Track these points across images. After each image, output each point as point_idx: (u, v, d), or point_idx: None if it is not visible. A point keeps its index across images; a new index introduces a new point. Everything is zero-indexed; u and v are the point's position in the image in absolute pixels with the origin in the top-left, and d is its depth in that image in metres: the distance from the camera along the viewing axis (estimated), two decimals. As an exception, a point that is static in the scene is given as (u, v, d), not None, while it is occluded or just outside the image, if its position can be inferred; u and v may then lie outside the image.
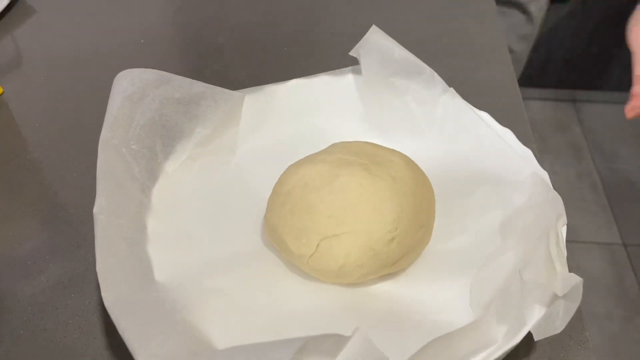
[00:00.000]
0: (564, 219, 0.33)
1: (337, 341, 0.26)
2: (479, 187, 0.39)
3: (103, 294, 0.28)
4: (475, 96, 0.44)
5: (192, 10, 0.62)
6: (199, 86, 0.39)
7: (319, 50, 0.56)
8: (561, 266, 0.31)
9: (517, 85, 0.51)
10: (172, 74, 0.39)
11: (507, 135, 0.41)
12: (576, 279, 0.29)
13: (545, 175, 0.38)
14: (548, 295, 0.30)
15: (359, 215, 0.33)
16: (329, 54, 0.54)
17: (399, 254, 0.34)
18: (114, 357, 0.33)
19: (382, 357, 0.26)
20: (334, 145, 0.39)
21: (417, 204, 0.35)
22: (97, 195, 0.33)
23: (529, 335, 0.30)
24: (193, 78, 0.40)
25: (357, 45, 0.43)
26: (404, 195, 0.34)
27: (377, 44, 0.42)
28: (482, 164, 0.40)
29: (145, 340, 0.26)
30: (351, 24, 0.53)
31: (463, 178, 0.40)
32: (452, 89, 0.43)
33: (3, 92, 0.51)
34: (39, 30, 0.60)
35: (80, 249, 0.38)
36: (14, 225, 0.40)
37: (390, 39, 0.43)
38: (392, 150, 0.38)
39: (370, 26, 0.43)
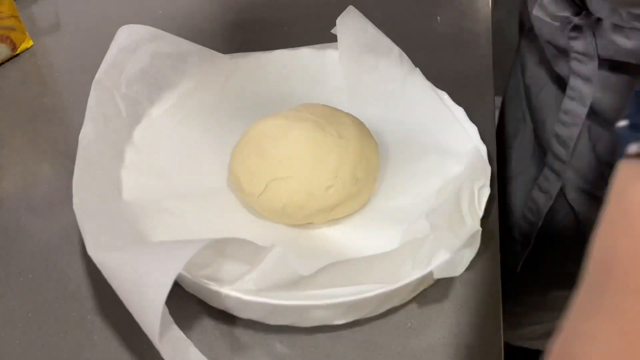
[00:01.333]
0: (481, 182, 0.37)
1: (255, 251, 0.31)
2: (427, 156, 0.43)
3: (74, 199, 0.34)
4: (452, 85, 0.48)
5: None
6: (187, 45, 0.45)
7: (310, 26, 0.61)
8: (472, 221, 0.35)
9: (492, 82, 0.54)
10: (166, 32, 0.44)
11: (459, 112, 0.45)
12: (475, 228, 0.33)
13: (484, 148, 0.42)
14: (455, 243, 0.34)
15: (304, 163, 0.38)
16: (318, 31, 0.59)
17: (336, 201, 0.38)
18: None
19: (292, 270, 0.31)
20: (300, 105, 0.44)
21: (357, 161, 0.39)
22: (83, 125, 0.38)
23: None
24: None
25: (336, 22, 0.48)
26: (345, 151, 0.39)
27: (352, 22, 0.47)
28: (434, 136, 0.44)
29: (98, 233, 0.31)
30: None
31: (416, 147, 0.44)
32: (417, 69, 0.47)
33: (33, 45, 0.58)
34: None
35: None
36: (35, 165, 0.46)
37: (364, 18, 0.47)
38: (348, 114, 0.43)
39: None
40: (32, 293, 0.37)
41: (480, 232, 0.34)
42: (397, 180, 0.43)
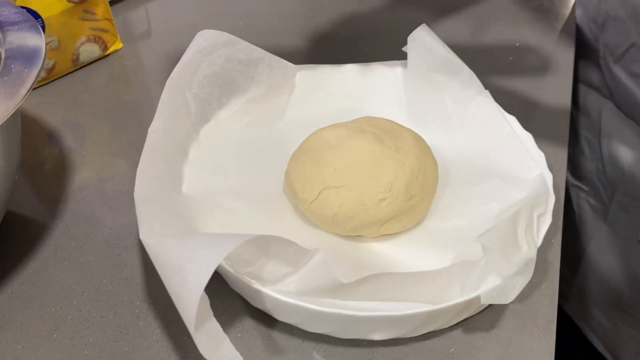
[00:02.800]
0: (541, 209, 0.35)
1: (298, 253, 0.31)
2: (488, 179, 0.42)
3: (135, 188, 0.36)
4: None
5: (288, 10, 0.70)
6: (259, 52, 0.46)
7: (385, 44, 0.61)
8: (528, 248, 0.33)
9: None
10: (240, 39, 0.46)
11: (527, 139, 0.43)
12: (530, 255, 0.32)
13: (549, 177, 0.40)
14: (507, 269, 0.33)
15: (359, 173, 0.38)
16: (392, 49, 0.59)
17: (387, 215, 0.38)
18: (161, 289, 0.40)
19: (332, 277, 0.31)
20: (360, 117, 0.44)
21: (413, 176, 0.38)
22: (154, 119, 0.40)
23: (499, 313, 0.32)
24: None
25: (408, 40, 0.48)
26: (402, 165, 0.38)
27: (423, 40, 0.47)
28: (497, 160, 0.43)
29: (152, 220, 0.33)
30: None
31: (477, 170, 0.43)
32: (487, 91, 0.46)
33: (122, 47, 0.62)
34: (166, 5, 0.72)
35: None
36: (112, 158, 0.49)
37: (436, 37, 0.47)
38: (409, 130, 0.42)
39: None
40: (89, 274, 0.39)
41: (534, 261, 0.32)
42: (454, 201, 0.42)
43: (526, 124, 0.44)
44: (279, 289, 0.32)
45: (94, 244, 0.41)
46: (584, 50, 0.60)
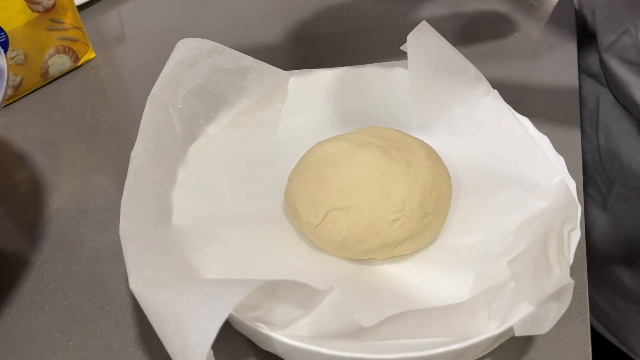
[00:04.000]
0: (572, 225, 0.32)
1: (310, 294, 0.28)
2: (504, 188, 0.39)
3: (121, 223, 0.32)
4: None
5: (270, 7, 0.66)
6: (247, 60, 0.42)
7: (374, 44, 0.57)
8: (561, 270, 0.30)
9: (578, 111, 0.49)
10: (226, 47, 0.42)
11: (543, 141, 0.40)
12: (567, 280, 0.29)
13: (572, 183, 0.37)
14: (540, 295, 0.30)
15: (367, 192, 0.35)
16: (383, 48, 0.56)
17: (401, 236, 0.34)
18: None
19: (350, 319, 0.27)
20: (363, 128, 0.40)
21: (427, 191, 0.35)
22: (136, 142, 0.36)
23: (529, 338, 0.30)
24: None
25: (407, 38, 0.44)
26: (415, 181, 0.35)
27: (424, 39, 0.43)
28: (512, 166, 0.40)
29: (142, 264, 0.29)
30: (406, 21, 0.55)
31: (491, 178, 0.40)
32: (495, 91, 0.43)
33: (95, 56, 0.58)
34: (141, 8, 0.67)
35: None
36: (88, 177, 0.45)
37: (438, 35, 0.43)
38: (417, 139, 0.39)
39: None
40: (74, 319, 0.35)
41: (572, 285, 0.29)
42: (469, 214, 0.39)
43: (537, 125, 0.41)
44: (290, 333, 0.29)
45: (77, 282, 0.37)
46: (582, 37, 0.58)
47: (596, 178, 0.56)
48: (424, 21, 0.43)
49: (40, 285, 0.37)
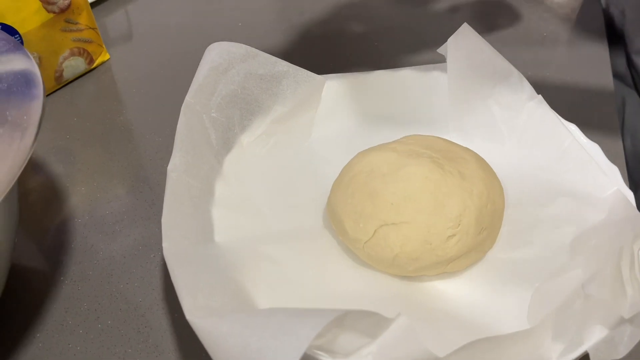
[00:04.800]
0: (641, 241, 0.31)
1: (378, 322, 0.26)
2: (555, 199, 0.37)
3: (164, 244, 0.30)
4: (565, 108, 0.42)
5: (289, 3, 0.64)
6: (282, 65, 0.40)
7: (409, 47, 0.56)
8: (633, 290, 0.29)
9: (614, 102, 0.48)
10: (259, 51, 0.40)
11: (594, 149, 0.38)
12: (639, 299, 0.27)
13: (630, 194, 0.35)
14: (612, 316, 0.28)
15: (421, 206, 0.33)
16: (410, 48, 0.54)
17: (457, 253, 0.33)
18: (167, 308, 0.34)
19: (422, 348, 0.26)
20: (407, 137, 0.38)
21: (483, 205, 0.33)
22: (172, 154, 0.34)
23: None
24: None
25: (447, 42, 0.43)
26: (470, 194, 0.33)
27: (465, 42, 0.41)
28: (562, 176, 0.38)
29: (194, 290, 0.27)
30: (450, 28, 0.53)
31: (540, 188, 0.38)
32: (540, 96, 0.41)
33: (109, 58, 0.55)
34: (149, 6, 0.65)
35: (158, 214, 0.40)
36: (103, 183, 0.43)
37: (480, 38, 0.41)
38: (466, 149, 0.37)
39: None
40: (110, 344, 0.33)
41: (649, 308, 0.27)
42: (519, 226, 0.37)
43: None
44: (355, 363, 0.27)
45: (109, 302, 0.35)
46: (609, 36, 0.56)
47: None
48: (466, 23, 0.42)
49: (71, 306, 0.35)
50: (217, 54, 0.39)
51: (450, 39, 0.41)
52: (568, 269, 0.33)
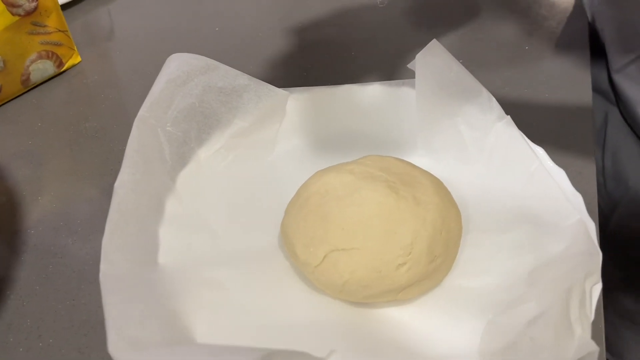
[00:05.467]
0: (595, 279, 0.30)
1: (309, 360, 0.25)
2: (517, 227, 0.36)
3: (101, 266, 0.29)
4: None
5: (268, 9, 0.63)
6: (243, 78, 0.39)
7: (379, 55, 0.54)
8: (582, 330, 0.28)
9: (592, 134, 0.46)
10: (220, 63, 0.39)
11: (560, 175, 0.37)
12: (591, 347, 0.26)
13: (592, 226, 0.34)
14: (559, 358, 0.27)
15: (372, 233, 0.32)
16: (389, 60, 0.53)
17: (408, 282, 0.32)
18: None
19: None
20: (366, 157, 0.37)
21: (436, 233, 0.32)
22: (120, 170, 0.33)
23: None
24: (248, 71, 0.41)
25: (416, 58, 0.41)
26: (423, 221, 0.32)
27: (434, 59, 0.40)
28: (526, 201, 0.37)
29: (124, 320, 0.26)
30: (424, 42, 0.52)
31: (502, 213, 0.37)
32: (509, 117, 0.40)
33: (81, 61, 0.54)
34: (129, 7, 0.64)
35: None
36: (71, 188, 0.43)
37: (449, 55, 0.40)
38: (425, 172, 0.36)
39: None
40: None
41: (597, 353, 0.26)
42: (478, 253, 0.36)
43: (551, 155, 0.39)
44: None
45: (54, 319, 0.34)
46: (593, 50, 0.55)
47: (599, 201, 0.54)
48: (435, 40, 0.40)
49: (15, 322, 0.34)
50: (175, 65, 0.38)
51: (418, 56, 0.40)
52: (522, 301, 0.32)
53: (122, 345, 0.25)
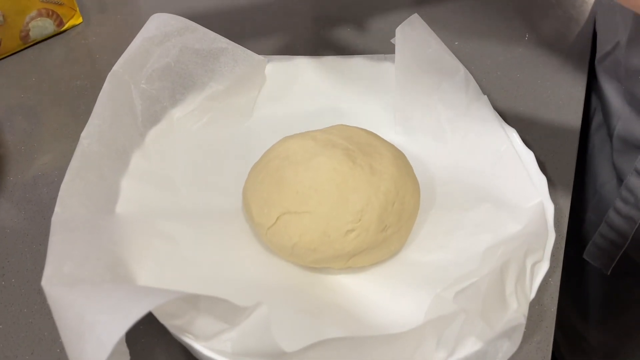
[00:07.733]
0: (537, 256, 0.29)
1: (234, 309, 0.26)
2: (479, 205, 0.36)
3: (56, 209, 0.30)
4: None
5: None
6: (221, 41, 0.40)
7: (369, 23, 0.53)
8: (518, 305, 0.28)
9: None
10: (200, 26, 0.40)
11: (528, 157, 0.37)
12: (518, 320, 0.26)
13: (550, 207, 0.34)
14: (488, 331, 0.27)
15: (324, 198, 0.32)
16: (376, 30, 0.52)
17: (355, 248, 0.32)
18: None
19: (273, 344, 0.25)
20: (333, 126, 0.37)
21: (389, 203, 0.32)
22: (88, 122, 0.34)
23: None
24: (231, 37, 0.41)
25: (396, 31, 0.41)
26: (376, 189, 0.32)
27: (414, 33, 0.40)
28: (492, 181, 0.37)
29: (64, 258, 0.27)
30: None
31: (468, 191, 0.37)
32: (485, 97, 0.39)
33: (82, 22, 0.55)
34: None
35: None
36: (66, 143, 0.43)
37: (429, 30, 0.40)
38: (388, 144, 0.36)
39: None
40: (8, 302, 0.34)
41: (523, 326, 0.26)
42: (438, 229, 0.36)
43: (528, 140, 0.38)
44: (213, 347, 0.27)
45: (18, 262, 0.36)
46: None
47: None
48: (416, 14, 0.40)
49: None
50: (154, 25, 0.39)
51: (398, 29, 0.40)
52: (470, 277, 0.31)
53: (54, 280, 0.25)
